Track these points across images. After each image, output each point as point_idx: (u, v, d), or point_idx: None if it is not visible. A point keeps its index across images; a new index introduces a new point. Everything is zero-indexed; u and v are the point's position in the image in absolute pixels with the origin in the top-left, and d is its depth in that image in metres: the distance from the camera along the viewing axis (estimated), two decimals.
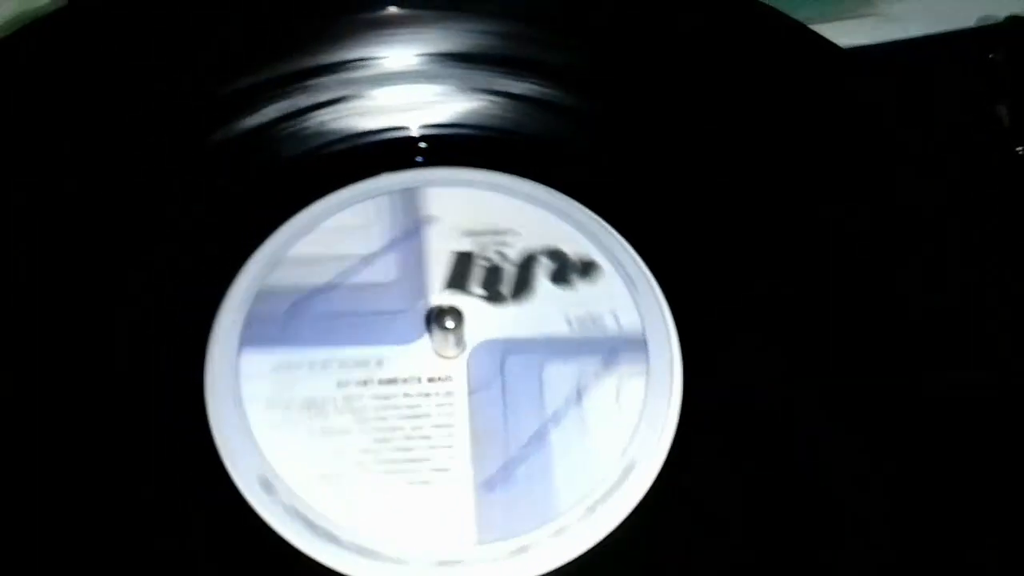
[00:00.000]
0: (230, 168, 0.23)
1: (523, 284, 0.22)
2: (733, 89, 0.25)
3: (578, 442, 0.20)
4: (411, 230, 0.23)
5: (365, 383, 0.20)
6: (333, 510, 0.18)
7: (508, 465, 0.19)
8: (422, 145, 0.24)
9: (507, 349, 0.21)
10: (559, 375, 0.20)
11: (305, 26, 0.24)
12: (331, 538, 0.18)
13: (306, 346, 0.21)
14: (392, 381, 0.20)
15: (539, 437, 0.20)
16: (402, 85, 0.25)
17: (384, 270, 0.22)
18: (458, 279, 0.22)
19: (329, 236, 0.22)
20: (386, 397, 0.20)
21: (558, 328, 0.21)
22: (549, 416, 0.20)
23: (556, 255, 0.22)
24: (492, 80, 0.25)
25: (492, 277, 0.22)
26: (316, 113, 0.24)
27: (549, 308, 0.22)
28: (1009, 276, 0.21)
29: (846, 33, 0.31)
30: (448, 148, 0.24)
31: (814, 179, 0.23)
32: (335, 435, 0.19)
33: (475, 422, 0.20)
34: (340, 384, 0.20)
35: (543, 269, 0.22)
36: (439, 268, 0.22)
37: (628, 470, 0.19)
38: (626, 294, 0.22)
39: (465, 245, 0.22)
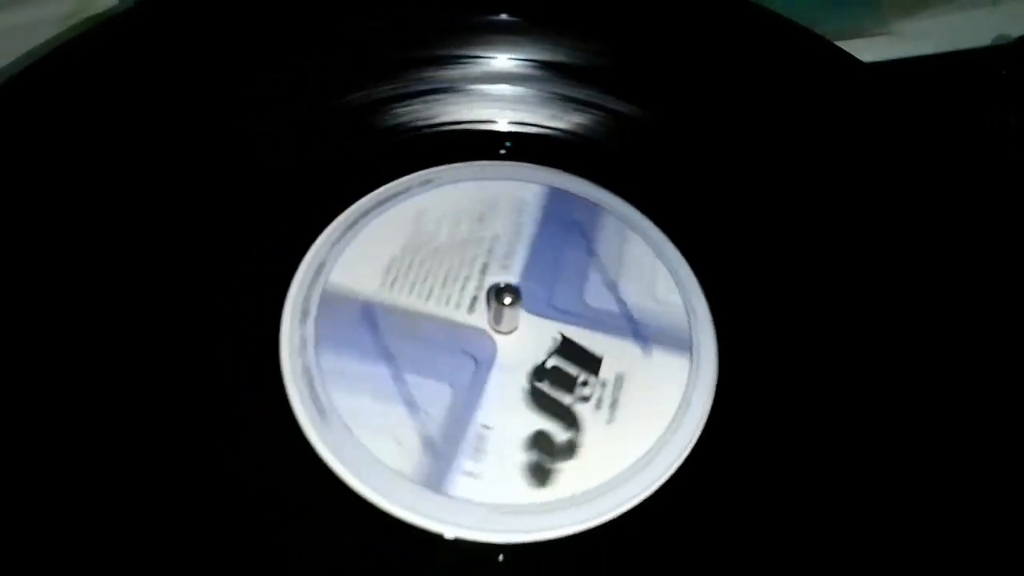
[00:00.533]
0: (330, 140, 0.26)
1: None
2: (757, 91, 0.27)
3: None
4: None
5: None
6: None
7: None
8: (507, 143, 0.27)
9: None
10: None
11: (428, 21, 0.27)
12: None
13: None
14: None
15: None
16: (499, 84, 0.27)
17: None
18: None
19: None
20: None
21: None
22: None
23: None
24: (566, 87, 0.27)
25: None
26: (423, 99, 0.26)
27: None
28: (1018, 272, 0.23)
29: (861, 50, 0.33)
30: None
31: (835, 178, 0.26)
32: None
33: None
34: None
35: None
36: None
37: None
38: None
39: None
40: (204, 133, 0.25)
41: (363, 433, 0.20)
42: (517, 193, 0.25)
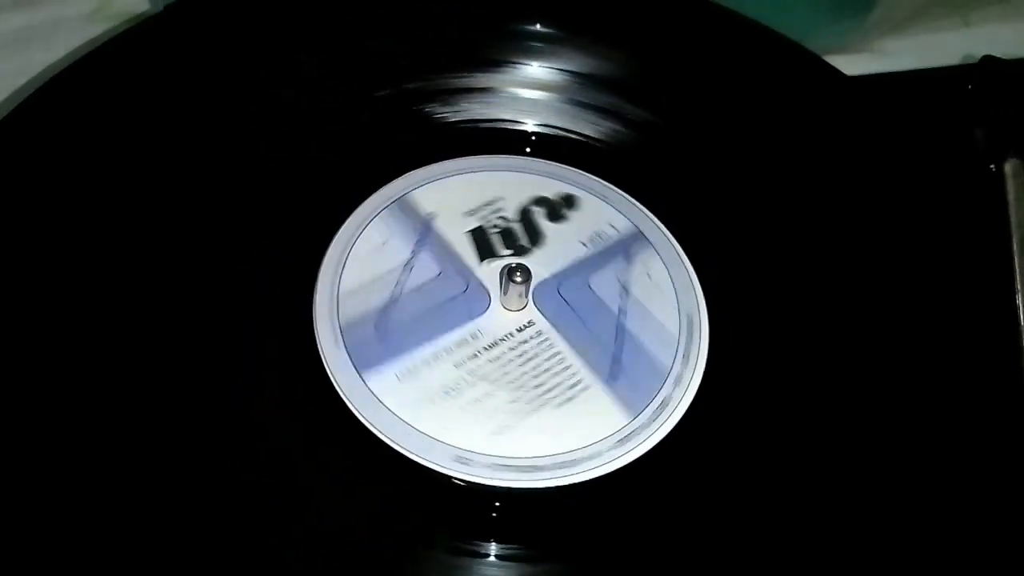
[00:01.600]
0: (370, 127, 0.29)
1: (533, 232, 0.27)
2: (747, 97, 0.30)
3: (646, 318, 0.25)
4: (422, 230, 0.27)
5: (475, 355, 0.24)
6: (521, 451, 0.23)
7: (615, 358, 0.25)
8: (533, 139, 0.30)
9: (556, 283, 0.26)
10: (603, 281, 0.26)
11: (471, 26, 0.30)
12: (536, 469, 0.23)
13: (412, 350, 0.24)
14: (494, 344, 0.25)
15: (620, 329, 0.25)
16: (527, 90, 0.30)
17: (426, 268, 0.26)
18: (485, 250, 0.27)
19: (364, 262, 0.26)
20: (497, 357, 0.24)
21: (579, 252, 0.27)
22: (616, 312, 0.25)
23: (541, 201, 0.28)
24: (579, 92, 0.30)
25: (508, 237, 0.27)
26: (461, 96, 0.29)
27: (563, 241, 0.27)
28: (985, 273, 0.26)
29: (846, 64, 0.36)
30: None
31: (818, 178, 0.28)
32: (482, 401, 0.24)
33: (572, 342, 0.25)
34: (457, 365, 0.24)
35: (539, 215, 0.27)
36: (463, 248, 0.27)
37: (691, 323, 0.25)
38: (608, 207, 0.28)
39: (470, 222, 0.27)
40: (230, 136, 0.28)
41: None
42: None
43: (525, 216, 0.27)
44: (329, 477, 0.22)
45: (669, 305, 0.26)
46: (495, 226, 0.27)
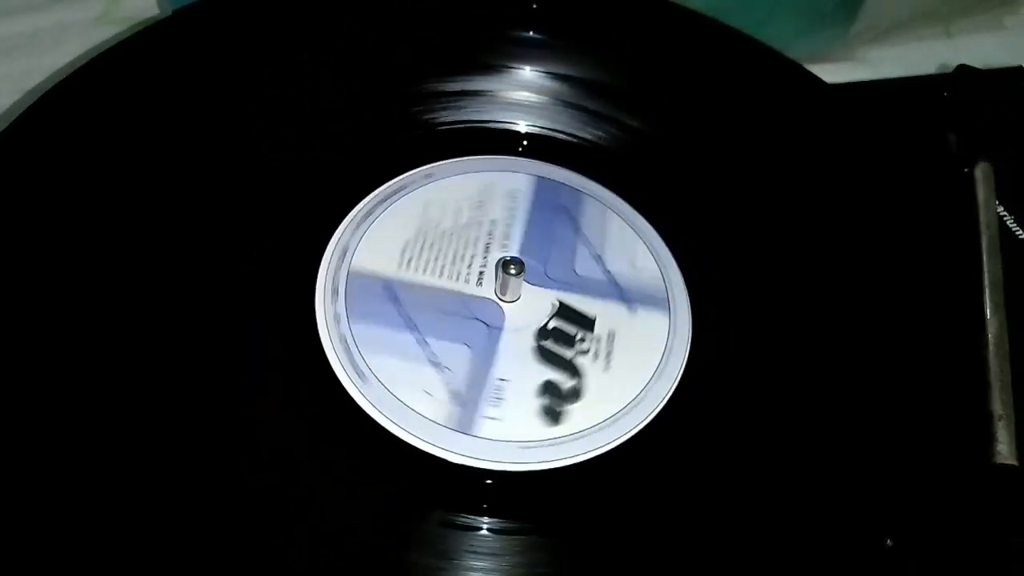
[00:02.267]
0: (367, 129, 0.30)
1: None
2: (732, 103, 0.32)
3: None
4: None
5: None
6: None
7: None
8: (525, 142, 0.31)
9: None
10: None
11: (471, 32, 0.32)
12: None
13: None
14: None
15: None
16: (521, 92, 0.32)
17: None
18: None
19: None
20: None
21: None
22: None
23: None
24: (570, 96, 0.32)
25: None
26: (458, 98, 0.31)
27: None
28: (956, 270, 0.28)
29: (830, 73, 0.38)
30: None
31: (794, 177, 0.30)
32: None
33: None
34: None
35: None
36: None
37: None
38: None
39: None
40: (237, 137, 0.29)
41: (398, 389, 0.24)
42: (508, 183, 0.30)
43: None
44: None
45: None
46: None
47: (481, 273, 0.27)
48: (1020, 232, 0.31)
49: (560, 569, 0.22)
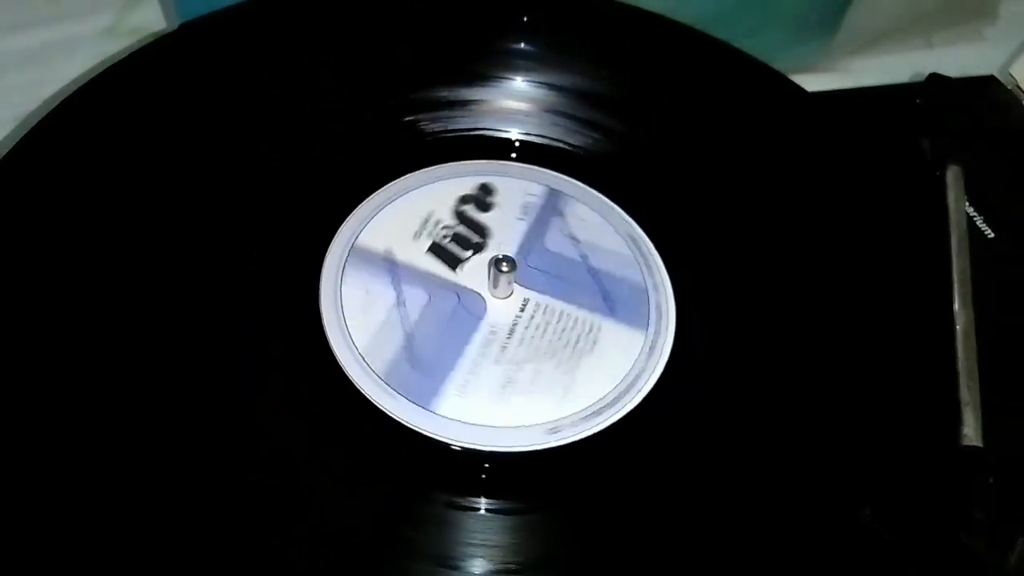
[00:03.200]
0: (374, 138, 0.32)
1: (477, 227, 0.30)
2: (721, 112, 0.34)
3: (602, 252, 0.30)
4: (390, 266, 0.29)
5: (504, 347, 0.28)
6: (590, 397, 0.27)
7: (604, 295, 0.29)
8: (517, 145, 0.33)
9: (523, 260, 0.29)
10: (554, 240, 0.30)
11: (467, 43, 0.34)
12: (609, 405, 0.27)
13: (453, 368, 0.27)
14: (511, 331, 0.28)
15: (591, 271, 0.30)
16: (510, 101, 0.34)
17: (416, 298, 0.29)
18: (451, 260, 0.29)
19: (363, 316, 0.28)
20: (522, 340, 0.28)
21: (521, 226, 0.30)
22: (580, 259, 0.30)
23: (465, 199, 0.31)
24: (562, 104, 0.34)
25: (460, 241, 0.30)
26: (453, 109, 0.33)
27: (503, 224, 0.30)
28: (929, 267, 0.29)
29: (814, 82, 0.40)
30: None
31: (775, 179, 0.32)
32: (536, 379, 0.27)
33: (566, 299, 0.29)
34: (496, 361, 0.27)
35: (471, 211, 0.31)
36: (434, 265, 0.29)
37: (634, 240, 0.29)
38: (520, 181, 0.31)
39: (425, 242, 0.30)
40: (242, 142, 0.31)
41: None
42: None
43: (461, 217, 0.30)
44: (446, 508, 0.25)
45: (609, 233, 0.30)
46: (444, 236, 0.30)
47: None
48: (989, 232, 0.33)
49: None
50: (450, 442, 0.25)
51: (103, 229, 0.28)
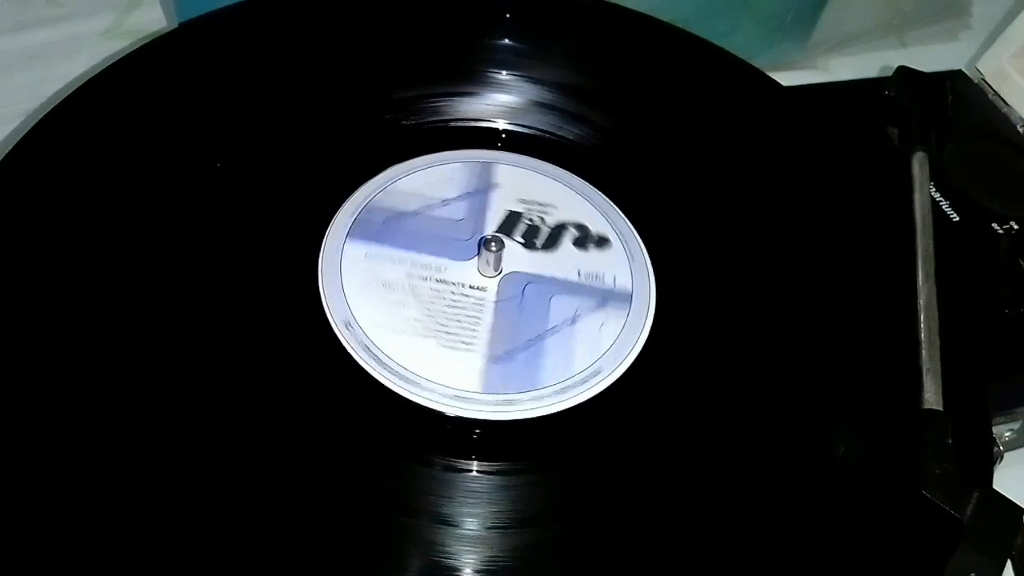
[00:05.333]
0: (381, 125, 0.34)
1: (552, 241, 0.32)
2: (708, 111, 0.36)
3: (564, 348, 0.29)
4: (481, 189, 0.33)
5: (426, 279, 0.30)
6: (391, 349, 0.28)
7: (511, 352, 0.29)
8: (503, 136, 0.35)
9: (529, 280, 0.31)
10: (562, 304, 0.30)
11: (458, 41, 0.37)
12: (384, 365, 0.28)
13: (392, 247, 0.30)
14: (444, 281, 0.30)
15: (538, 340, 0.29)
16: (499, 93, 0.36)
17: (456, 211, 0.32)
18: (506, 227, 0.32)
19: (424, 181, 0.33)
20: (438, 290, 0.30)
21: (570, 275, 0.31)
22: (548, 328, 0.30)
23: (581, 227, 0.32)
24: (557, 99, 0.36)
25: (531, 232, 0.32)
26: (446, 99, 0.35)
27: (567, 262, 0.32)
28: (895, 245, 0.32)
29: (793, 78, 0.42)
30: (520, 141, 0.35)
31: (757, 169, 0.34)
32: (398, 306, 0.29)
33: (496, 320, 0.30)
34: (408, 276, 0.30)
35: (569, 235, 0.32)
36: (494, 217, 0.32)
37: (594, 373, 0.29)
38: (625, 264, 0.32)
39: (516, 207, 0.33)
40: (243, 135, 0.33)
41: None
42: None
43: (558, 229, 0.32)
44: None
45: (592, 353, 0.29)
46: (530, 220, 0.32)
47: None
48: (954, 216, 0.35)
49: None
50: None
51: (104, 223, 0.29)
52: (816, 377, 0.29)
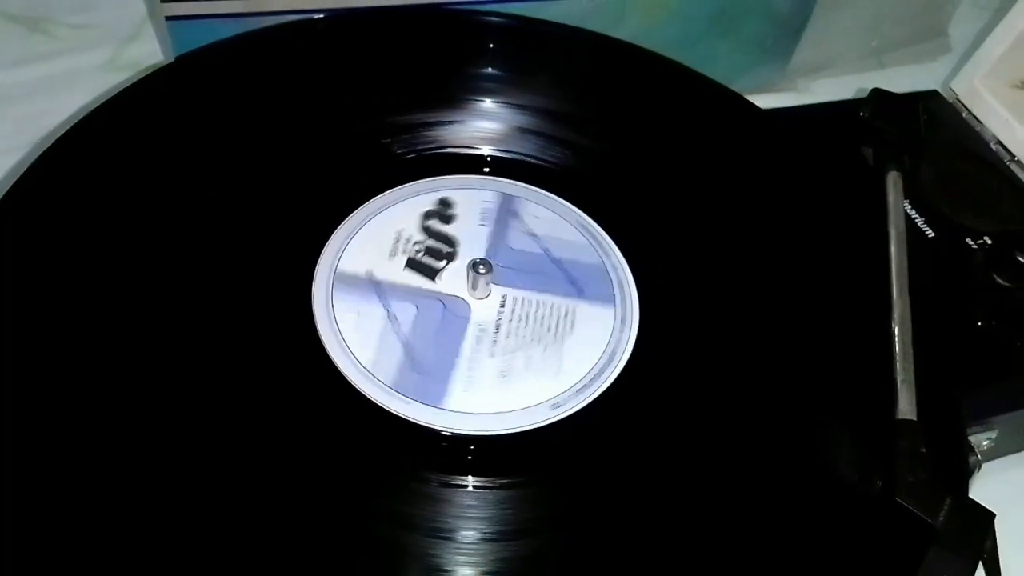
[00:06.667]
0: (362, 155, 0.35)
1: (444, 238, 0.33)
2: (686, 130, 0.37)
3: (560, 244, 0.33)
4: (375, 286, 0.32)
5: (495, 342, 0.31)
6: (580, 371, 0.30)
7: (570, 280, 0.32)
8: (489, 160, 0.36)
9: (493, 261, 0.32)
10: (516, 239, 0.33)
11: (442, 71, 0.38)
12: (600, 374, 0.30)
13: (453, 367, 0.30)
14: (498, 327, 0.31)
15: (555, 261, 0.32)
16: (481, 120, 0.37)
17: (405, 311, 0.31)
18: (429, 271, 0.32)
19: (362, 336, 0.31)
20: (508, 333, 0.31)
21: (484, 231, 0.34)
22: (542, 252, 0.33)
23: (428, 214, 0.34)
24: (541, 125, 0.37)
25: (433, 253, 0.33)
26: (432, 128, 0.37)
27: (467, 231, 0.33)
28: (871, 261, 0.33)
29: (773, 101, 0.44)
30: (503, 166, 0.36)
31: (739, 196, 0.35)
32: (529, 364, 0.30)
33: (539, 290, 0.32)
34: (492, 355, 0.30)
35: (436, 224, 0.34)
36: (414, 279, 0.32)
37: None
38: (475, 192, 0.34)
39: (401, 260, 0.33)
40: (236, 163, 0.34)
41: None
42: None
43: (428, 231, 0.34)
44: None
45: (564, 226, 0.34)
46: (417, 251, 0.33)
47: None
48: (930, 232, 0.37)
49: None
50: (468, 432, 0.28)
51: (106, 253, 0.30)
52: (794, 389, 0.30)
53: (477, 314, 0.31)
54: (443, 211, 0.34)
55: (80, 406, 0.27)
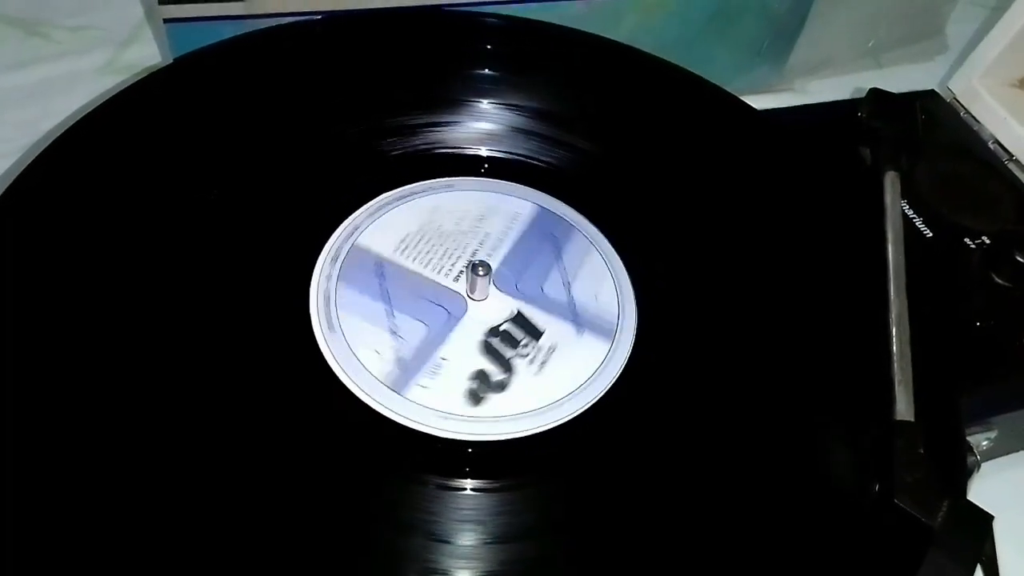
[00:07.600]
0: (364, 154, 0.35)
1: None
2: (683, 131, 0.37)
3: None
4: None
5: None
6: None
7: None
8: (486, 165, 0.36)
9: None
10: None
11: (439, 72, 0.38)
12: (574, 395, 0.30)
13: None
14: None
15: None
16: (479, 122, 0.37)
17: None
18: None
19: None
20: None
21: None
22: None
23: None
24: (538, 126, 0.37)
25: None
26: (431, 128, 0.37)
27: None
28: (869, 261, 0.33)
29: (770, 101, 0.44)
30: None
31: (737, 197, 0.35)
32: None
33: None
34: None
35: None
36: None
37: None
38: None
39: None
40: (241, 156, 0.34)
41: (356, 344, 0.30)
42: (513, 206, 0.35)
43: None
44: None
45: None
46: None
47: (461, 272, 0.32)
48: (928, 232, 0.37)
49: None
50: (467, 437, 0.28)
51: (104, 255, 0.30)
52: (792, 390, 0.30)
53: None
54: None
55: (79, 407, 0.27)
